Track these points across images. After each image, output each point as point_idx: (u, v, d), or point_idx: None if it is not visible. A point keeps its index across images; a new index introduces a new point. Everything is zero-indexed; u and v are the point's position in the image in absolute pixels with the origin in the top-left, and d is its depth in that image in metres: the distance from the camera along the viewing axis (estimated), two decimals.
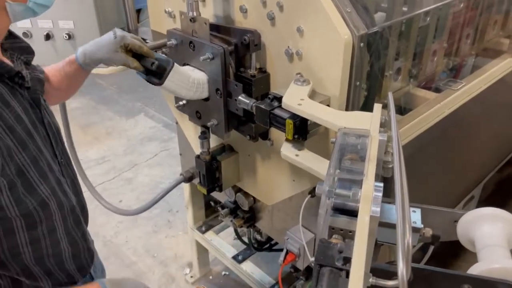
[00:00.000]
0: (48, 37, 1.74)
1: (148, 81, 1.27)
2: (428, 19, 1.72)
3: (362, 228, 0.68)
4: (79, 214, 1.12)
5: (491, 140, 2.44)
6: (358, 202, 0.74)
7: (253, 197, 1.75)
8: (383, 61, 1.52)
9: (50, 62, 1.28)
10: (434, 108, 1.68)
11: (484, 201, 2.75)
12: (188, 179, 1.97)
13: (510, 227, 0.88)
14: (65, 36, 1.73)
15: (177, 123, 1.94)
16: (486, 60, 2.17)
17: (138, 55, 1.22)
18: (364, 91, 1.44)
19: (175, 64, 1.26)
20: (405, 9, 1.69)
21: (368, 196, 0.72)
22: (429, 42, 1.80)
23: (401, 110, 1.78)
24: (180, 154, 2.09)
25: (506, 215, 0.89)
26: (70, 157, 1.19)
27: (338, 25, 1.09)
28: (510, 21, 2.27)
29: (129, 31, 1.81)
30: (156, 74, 1.24)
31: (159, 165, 3.51)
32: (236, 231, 2.10)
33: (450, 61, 2.03)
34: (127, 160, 3.58)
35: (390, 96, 1.08)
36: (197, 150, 1.78)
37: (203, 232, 2.26)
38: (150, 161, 3.57)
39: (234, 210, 1.88)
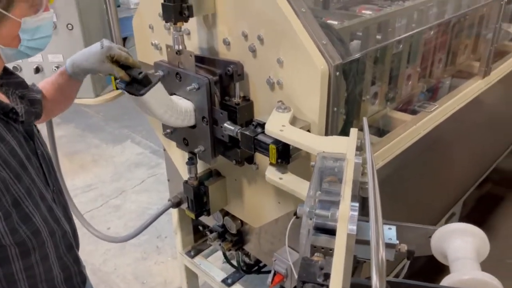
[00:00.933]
0: (37, 70, 1.79)
1: (128, 91, 1.26)
2: (401, 46, 1.83)
3: (340, 246, 0.73)
4: (71, 239, 1.16)
5: (468, 158, 2.54)
6: (336, 222, 0.79)
7: (241, 220, 1.80)
8: (360, 87, 1.61)
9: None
10: (410, 130, 1.76)
11: (465, 218, 2.83)
12: (176, 205, 2.01)
13: (479, 241, 0.94)
14: (55, 69, 1.79)
15: (164, 150, 1.99)
16: (459, 81, 2.29)
17: (124, 66, 1.25)
18: (343, 116, 1.52)
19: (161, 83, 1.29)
20: (379, 37, 1.80)
21: (345, 216, 0.78)
22: (403, 67, 1.91)
23: (380, 132, 1.86)
24: (168, 180, 2.13)
25: (475, 230, 0.96)
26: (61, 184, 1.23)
27: (314, 56, 1.17)
28: (479, 45, 2.41)
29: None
30: (140, 84, 1.24)
31: (147, 191, 3.53)
32: (224, 254, 2.13)
33: (424, 84, 2.15)
34: (114, 187, 3.59)
35: (365, 121, 1.15)
36: (185, 175, 1.83)
37: (192, 257, 2.28)
38: (137, 188, 3.59)
39: (222, 234, 1.91)
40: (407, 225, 1.00)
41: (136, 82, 1.25)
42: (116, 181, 3.67)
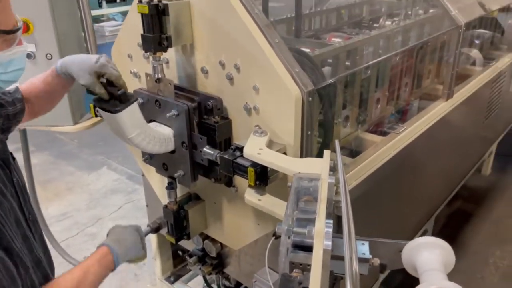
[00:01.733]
0: None
1: (104, 108, 1.26)
2: (369, 72, 1.94)
3: (316, 260, 0.78)
4: (46, 268, 1.16)
5: (437, 176, 2.66)
6: (313, 238, 0.85)
7: (220, 243, 1.82)
8: (332, 111, 1.70)
9: None
10: (381, 150, 1.85)
11: (437, 234, 2.93)
12: (155, 230, 2.01)
13: (445, 253, 1.01)
14: None
15: (143, 175, 2.01)
16: (426, 103, 2.42)
17: (106, 84, 1.24)
18: (317, 138, 1.60)
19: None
20: (348, 63, 1.90)
21: (320, 233, 0.83)
22: (372, 91, 2.01)
23: (352, 153, 1.94)
24: (147, 205, 2.15)
25: (441, 243, 1.03)
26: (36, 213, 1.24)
27: (288, 83, 1.24)
28: (442, 69, 2.56)
29: None
30: (117, 101, 1.24)
31: (124, 218, 3.50)
32: (205, 278, 2.13)
33: (393, 107, 2.26)
34: (91, 215, 3.54)
35: (337, 143, 1.22)
36: (164, 200, 1.85)
37: (172, 283, 2.27)
38: (114, 215, 3.55)
39: (202, 258, 1.93)
40: (379, 241, 1.06)
41: (113, 99, 1.25)
42: (92, 209, 3.62)
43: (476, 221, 3.32)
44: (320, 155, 1.46)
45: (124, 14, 5.45)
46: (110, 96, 1.25)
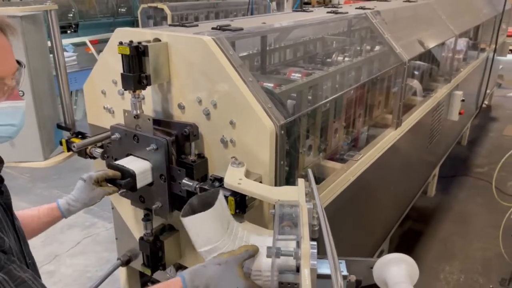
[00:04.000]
0: None
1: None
2: (328, 105, 2.11)
3: (304, 278, 0.88)
4: None
5: (390, 198, 2.86)
6: (299, 259, 0.94)
7: None
8: (298, 142, 1.83)
9: None
10: (342, 177, 2.00)
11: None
12: (126, 263, 2.02)
13: (411, 267, 1.14)
14: None
15: (113, 208, 2.02)
16: (376, 131, 2.63)
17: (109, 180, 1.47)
18: (285, 167, 1.71)
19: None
20: (310, 97, 2.07)
21: (306, 253, 0.93)
22: (331, 122, 2.18)
23: (316, 180, 2.08)
24: (116, 239, 2.14)
25: (406, 258, 1.16)
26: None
27: (263, 118, 1.36)
28: (390, 100, 2.81)
29: (66, 125, 1.91)
30: (123, 179, 1.46)
31: (83, 253, 3.40)
32: None
33: (349, 136, 2.45)
34: (47, 252, 3.41)
35: (309, 171, 1.35)
36: (136, 232, 1.88)
37: None
38: (72, 251, 3.44)
39: None
40: (353, 259, 1.17)
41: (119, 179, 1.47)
42: (48, 245, 3.49)
43: (426, 239, 3.57)
44: (287, 182, 1.58)
45: (75, 45, 5.46)
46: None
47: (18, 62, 1.03)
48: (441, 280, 3.11)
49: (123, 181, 1.43)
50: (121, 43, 1.40)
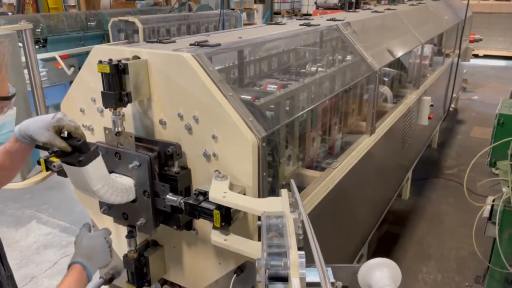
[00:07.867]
0: None
1: (67, 162, 1.27)
2: (305, 115, 2.16)
3: (294, 287, 0.91)
4: None
5: (367, 203, 2.94)
6: (288, 269, 0.97)
7: (179, 286, 1.86)
8: (278, 152, 1.87)
9: None
10: (321, 185, 2.05)
11: (372, 257, 3.18)
12: (109, 281, 1.99)
13: (393, 270, 1.19)
14: None
15: (93, 226, 1.99)
16: (352, 138, 2.70)
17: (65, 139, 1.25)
18: (267, 178, 1.75)
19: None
20: (287, 108, 2.11)
21: (295, 263, 0.96)
22: (308, 131, 2.24)
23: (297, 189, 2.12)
24: None
25: (388, 262, 1.21)
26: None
27: (245, 131, 1.39)
28: (363, 108, 2.89)
29: (43, 144, 1.87)
30: (79, 152, 1.26)
31: (61, 273, 3.28)
32: None
33: (326, 144, 2.51)
34: (22, 274, 3.30)
35: (292, 182, 1.38)
36: (118, 250, 1.86)
37: None
38: (49, 271, 3.35)
39: None
40: (339, 266, 1.21)
41: (75, 151, 1.26)
42: (24, 267, 3.38)
43: (403, 241, 3.66)
44: (270, 193, 1.61)
45: (44, 60, 5.35)
46: (72, 148, 1.27)
47: None
48: (419, 281, 3.20)
49: (78, 143, 1.25)
50: (100, 62, 1.40)
